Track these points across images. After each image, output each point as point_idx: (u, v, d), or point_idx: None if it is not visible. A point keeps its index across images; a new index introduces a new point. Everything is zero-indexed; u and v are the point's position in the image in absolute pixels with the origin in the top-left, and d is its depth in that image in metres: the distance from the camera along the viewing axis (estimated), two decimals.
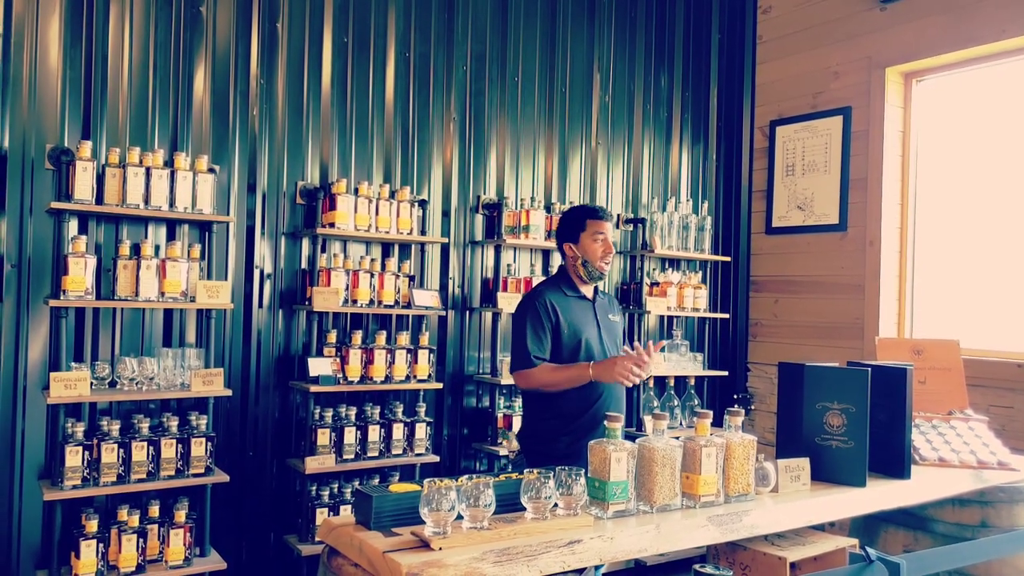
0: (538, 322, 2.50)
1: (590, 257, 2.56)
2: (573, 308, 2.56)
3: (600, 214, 2.60)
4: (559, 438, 2.49)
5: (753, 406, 4.48)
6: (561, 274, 2.66)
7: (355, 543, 1.54)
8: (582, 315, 2.57)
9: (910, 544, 2.33)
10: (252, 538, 3.11)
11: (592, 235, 2.56)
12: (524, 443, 2.63)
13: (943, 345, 2.63)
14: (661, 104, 4.34)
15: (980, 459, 2.37)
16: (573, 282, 2.61)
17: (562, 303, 2.55)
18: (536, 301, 2.54)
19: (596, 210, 2.62)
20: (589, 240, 2.56)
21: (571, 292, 2.60)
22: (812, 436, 2.13)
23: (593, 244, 2.56)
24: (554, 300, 2.54)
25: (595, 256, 2.56)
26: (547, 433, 2.52)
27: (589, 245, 2.56)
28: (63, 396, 2.54)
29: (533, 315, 2.51)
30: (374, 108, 3.43)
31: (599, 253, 2.56)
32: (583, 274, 2.59)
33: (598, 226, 2.56)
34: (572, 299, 2.58)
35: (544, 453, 2.47)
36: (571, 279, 2.62)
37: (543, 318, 2.50)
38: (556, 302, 2.53)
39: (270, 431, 3.17)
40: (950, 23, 3.70)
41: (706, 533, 1.74)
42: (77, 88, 2.80)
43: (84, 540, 2.53)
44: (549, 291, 2.58)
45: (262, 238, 3.15)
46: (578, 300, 2.60)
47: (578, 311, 2.57)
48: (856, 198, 4.06)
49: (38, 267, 2.71)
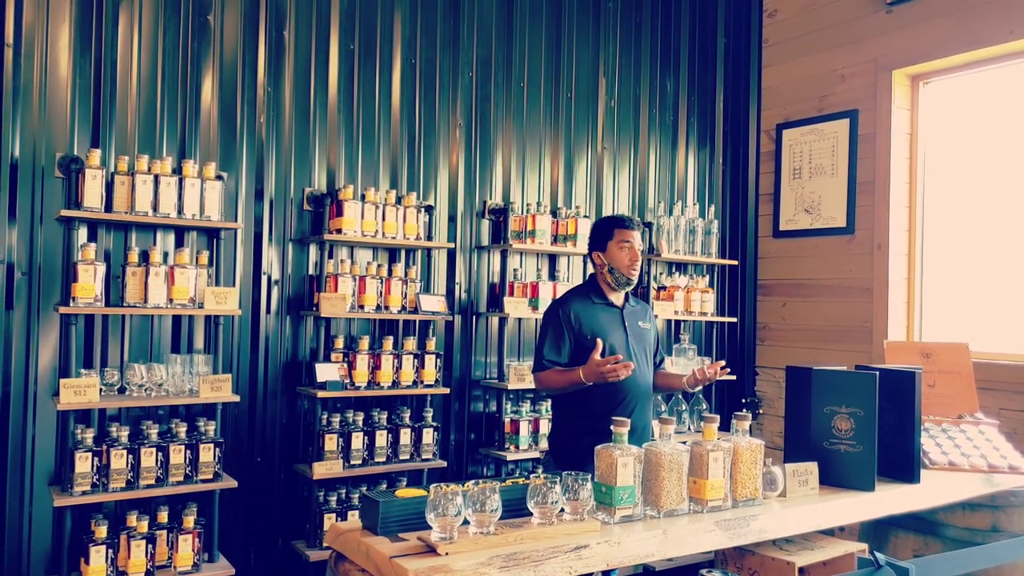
0: (558, 330, 2.61)
1: (617, 264, 2.64)
2: (599, 316, 2.64)
3: (627, 223, 2.68)
4: (584, 437, 2.51)
5: (761, 410, 4.46)
6: (591, 282, 2.75)
7: (362, 548, 1.55)
8: (608, 322, 2.64)
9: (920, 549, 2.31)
10: (260, 544, 3.12)
11: (619, 243, 2.64)
12: (552, 444, 2.73)
13: (952, 348, 2.61)
14: (667, 108, 4.33)
15: (991, 463, 2.35)
16: (602, 290, 2.69)
17: (587, 311, 2.63)
18: (560, 309, 2.65)
19: (623, 219, 2.70)
20: (616, 248, 2.64)
21: (599, 300, 2.68)
22: (820, 440, 2.12)
23: (620, 252, 2.64)
24: (579, 308, 2.64)
25: (622, 264, 2.63)
26: (573, 433, 2.60)
27: (616, 253, 2.64)
28: (73, 402, 2.56)
29: (554, 323, 2.63)
30: (380, 114, 3.44)
31: (626, 261, 2.63)
32: (611, 281, 2.66)
33: (624, 235, 2.64)
34: (599, 307, 2.66)
35: (570, 453, 2.55)
36: (600, 287, 2.70)
37: (563, 326, 2.61)
38: (580, 310, 2.63)
39: (278, 437, 3.17)
40: (956, 25, 3.68)
41: (713, 538, 1.73)
42: (86, 97, 2.82)
43: (94, 546, 2.54)
44: (576, 299, 2.68)
45: (270, 244, 3.17)
46: (605, 307, 2.67)
47: (604, 318, 2.64)
48: (864, 201, 4.05)
49: (48, 274, 2.73)
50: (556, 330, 2.61)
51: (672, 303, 3.98)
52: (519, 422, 3.50)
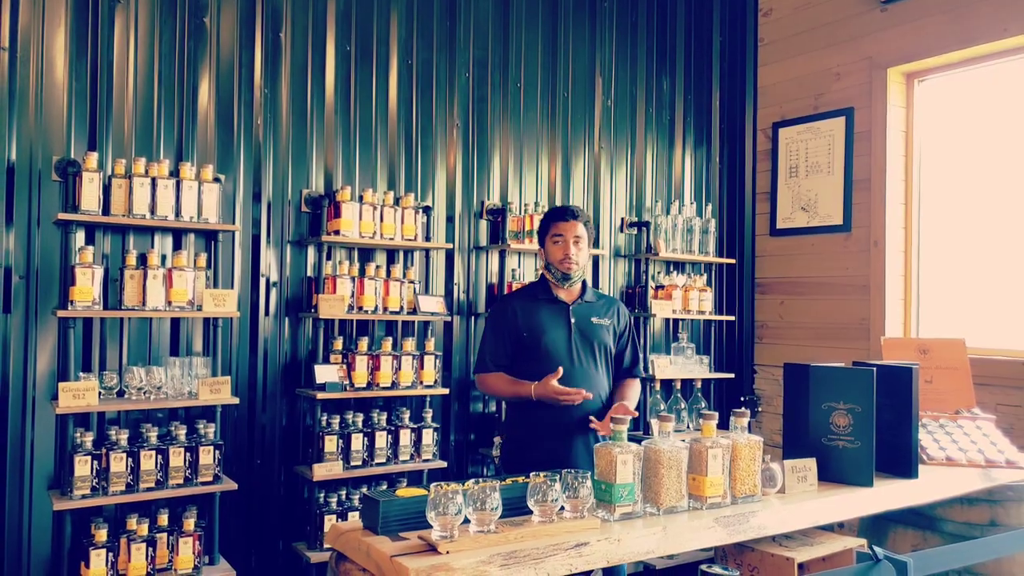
0: (498, 328, 2.56)
1: (551, 259, 2.57)
2: (541, 312, 2.56)
3: (561, 214, 2.57)
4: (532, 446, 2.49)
5: (760, 408, 4.47)
6: (541, 278, 2.69)
7: (362, 548, 1.55)
8: (549, 319, 2.55)
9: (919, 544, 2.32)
10: (261, 546, 3.12)
11: (552, 237, 2.56)
12: (502, 447, 2.67)
13: (949, 344, 2.62)
14: (663, 108, 4.34)
15: (988, 458, 2.36)
16: (549, 286, 2.61)
17: (528, 307, 2.57)
18: (501, 306, 2.61)
19: (557, 211, 2.60)
20: (550, 242, 2.57)
21: (543, 295, 2.60)
22: (818, 436, 2.13)
23: (553, 247, 2.56)
24: (519, 305, 2.58)
25: (555, 258, 2.56)
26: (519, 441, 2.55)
27: (550, 247, 2.58)
28: (71, 406, 2.56)
29: (494, 321, 2.59)
30: (377, 115, 3.45)
31: (559, 255, 2.54)
32: (550, 277, 2.59)
33: (557, 227, 2.56)
34: (542, 302, 2.59)
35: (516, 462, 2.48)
36: (548, 283, 2.63)
37: (501, 324, 2.55)
38: (521, 307, 2.57)
39: (277, 438, 3.18)
40: (951, 23, 3.70)
41: (713, 534, 1.74)
42: (83, 100, 2.82)
43: (94, 549, 2.54)
44: (520, 296, 2.63)
45: (268, 246, 3.17)
46: (549, 304, 2.59)
47: (546, 315, 2.56)
48: (860, 199, 4.06)
49: (46, 278, 2.73)
50: (497, 328, 2.55)
51: (670, 302, 3.99)
52: None
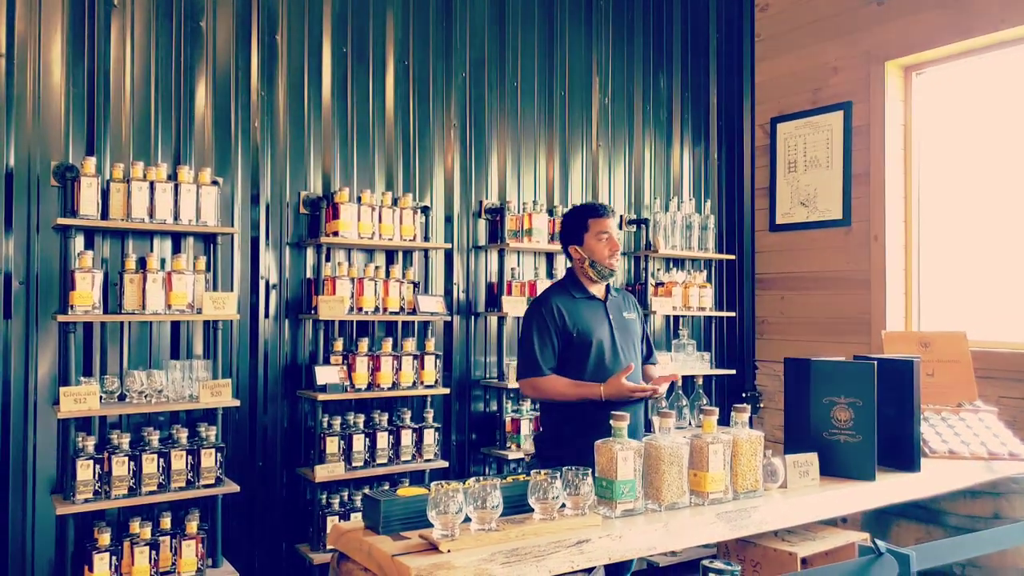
0: (545, 329, 2.46)
1: (597, 257, 2.51)
2: (583, 310, 2.51)
3: (601, 211, 2.55)
4: (575, 441, 2.45)
5: (762, 404, 4.46)
6: (569, 276, 2.61)
7: (364, 547, 1.55)
8: (592, 317, 2.52)
9: (922, 537, 2.32)
10: (264, 548, 3.12)
11: (596, 235, 2.51)
12: (538, 446, 2.60)
13: (950, 337, 2.61)
14: (661, 105, 4.34)
15: (991, 450, 2.36)
16: (582, 283, 2.57)
17: (570, 306, 2.50)
18: (543, 307, 2.49)
19: (597, 208, 2.56)
20: (594, 240, 2.52)
21: (580, 294, 2.55)
22: (820, 431, 2.12)
23: (598, 243, 2.51)
24: (561, 304, 2.50)
25: (602, 255, 2.51)
26: (562, 437, 2.49)
27: (595, 245, 2.52)
28: (73, 410, 2.56)
29: (540, 322, 2.47)
30: (375, 116, 3.45)
31: (606, 252, 2.51)
32: (592, 275, 2.54)
33: (601, 224, 2.52)
34: (581, 301, 2.53)
35: (556, 457, 2.42)
36: (579, 281, 2.57)
37: (549, 325, 2.46)
38: (564, 306, 2.49)
39: (279, 440, 3.18)
40: (948, 15, 3.69)
41: (715, 530, 1.74)
42: (80, 105, 2.83)
43: (97, 553, 2.54)
44: (556, 296, 2.54)
45: (267, 249, 3.17)
46: (588, 301, 2.55)
47: (588, 313, 2.52)
48: (859, 193, 4.05)
49: (46, 283, 2.73)
50: (543, 329, 2.45)
51: (670, 299, 3.99)
52: (520, 421, 3.51)
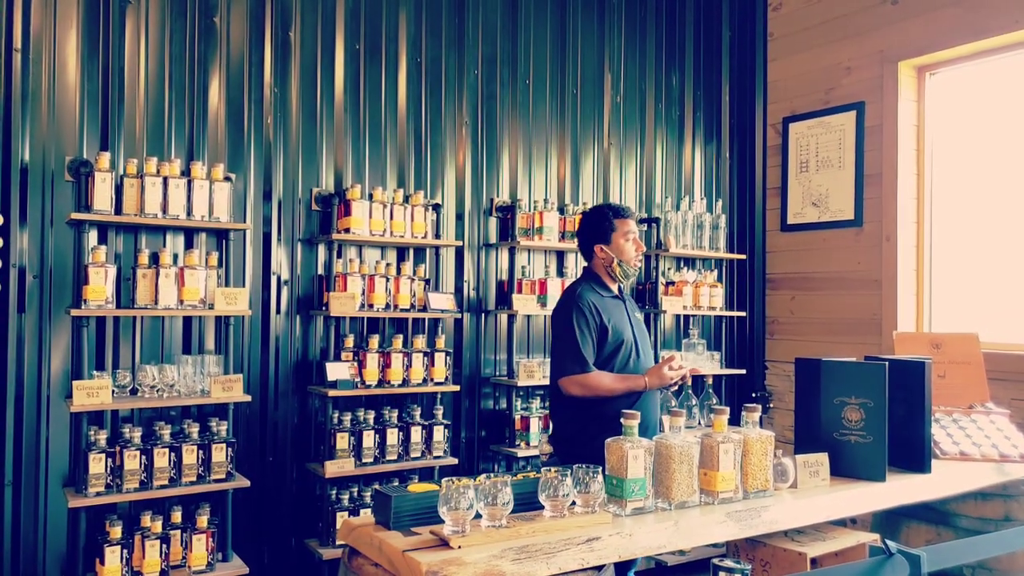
0: (585, 325, 2.46)
1: (625, 257, 2.55)
2: (611, 308, 2.55)
3: (627, 212, 2.60)
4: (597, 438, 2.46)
5: (772, 404, 4.45)
6: (589, 275, 2.62)
7: (375, 543, 1.56)
8: (619, 315, 2.56)
9: (933, 539, 2.31)
10: (273, 543, 3.14)
11: (624, 234, 2.55)
12: (559, 446, 2.58)
13: (962, 339, 2.60)
14: (673, 103, 4.33)
15: (1002, 452, 2.35)
16: (604, 282, 2.60)
17: (601, 304, 2.53)
18: (580, 303, 2.49)
19: (623, 209, 2.60)
20: (621, 239, 2.55)
21: (605, 292, 2.58)
22: (830, 431, 2.11)
23: (627, 244, 2.55)
24: (595, 302, 2.52)
25: (630, 256, 2.56)
26: (587, 436, 2.47)
27: (623, 245, 2.55)
28: (86, 404, 2.58)
29: (580, 317, 2.45)
30: (387, 113, 3.45)
31: (634, 252, 2.56)
32: (618, 274, 2.58)
33: (627, 224, 2.57)
34: (608, 299, 2.57)
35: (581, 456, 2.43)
36: (601, 279, 2.59)
37: (590, 321, 2.46)
38: (598, 304, 2.51)
39: (289, 436, 3.19)
40: (962, 15, 3.66)
41: (725, 529, 1.74)
42: (95, 100, 2.85)
43: (108, 546, 2.56)
44: (589, 293, 2.55)
45: (278, 245, 3.19)
46: (613, 300, 2.59)
47: (615, 311, 2.56)
48: (871, 193, 4.03)
49: (59, 278, 2.75)
50: (584, 325, 2.44)
51: (681, 298, 3.98)
52: (529, 419, 3.51)
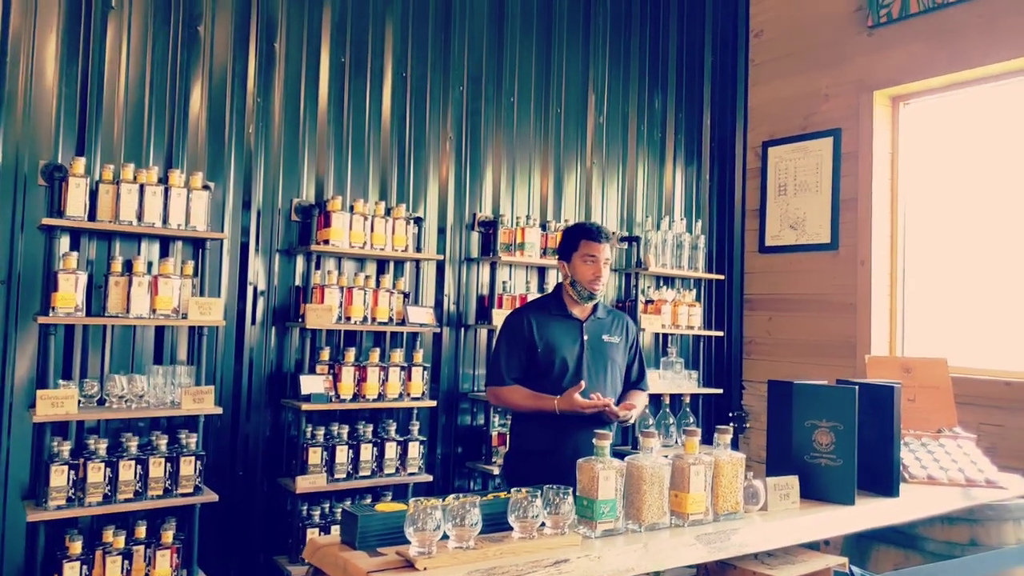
0: (512, 340, 2.54)
1: (579, 278, 2.54)
2: (554, 327, 2.55)
3: (594, 234, 2.53)
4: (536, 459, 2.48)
5: (748, 424, 4.47)
6: (555, 292, 2.66)
7: (340, 563, 1.53)
8: (564, 335, 2.54)
9: (901, 562, 2.32)
10: (241, 559, 3.08)
11: (583, 256, 2.52)
12: (505, 464, 2.66)
13: (931, 363, 2.63)
14: (655, 125, 4.37)
15: (968, 477, 2.37)
16: (564, 301, 2.60)
17: (543, 321, 2.55)
18: (512, 318, 2.59)
19: (591, 230, 2.54)
20: (579, 260, 2.53)
21: (557, 311, 2.58)
22: (801, 454, 2.13)
23: (583, 265, 2.52)
24: (534, 318, 2.56)
25: (584, 277, 2.52)
26: (528, 453, 2.53)
27: (579, 266, 2.53)
28: (49, 414, 2.53)
29: (508, 333, 2.56)
30: (371, 127, 3.45)
31: (588, 275, 2.51)
32: (573, 294, 2.57)
33: (590, 247, 2.52)
34: (556, 318, 2.57)
35: (521, 476, 2.45)
36: (562, 297, 2.61)
37: (516, 336, 2.54)
38: (536, 320, 2.55)
39: (261, 450, 3.15)
40: (935, 48, 3.75)
41: (694, 552, 1.73)
42: (72, 105, 2.81)
43: (68, 562, 2.50)
44: (532, 310, 2.61)
45: (256, 255, 3.16)
46: (563, 320, 2.57)
47: (559, 330, 2.55)
48: (847, 218, 4.09)
49: (28, 283, 2.70)
50: (511, 340, 2.52)
51: (659, 317, 4.00)
52: (507, 436, 3.49)
